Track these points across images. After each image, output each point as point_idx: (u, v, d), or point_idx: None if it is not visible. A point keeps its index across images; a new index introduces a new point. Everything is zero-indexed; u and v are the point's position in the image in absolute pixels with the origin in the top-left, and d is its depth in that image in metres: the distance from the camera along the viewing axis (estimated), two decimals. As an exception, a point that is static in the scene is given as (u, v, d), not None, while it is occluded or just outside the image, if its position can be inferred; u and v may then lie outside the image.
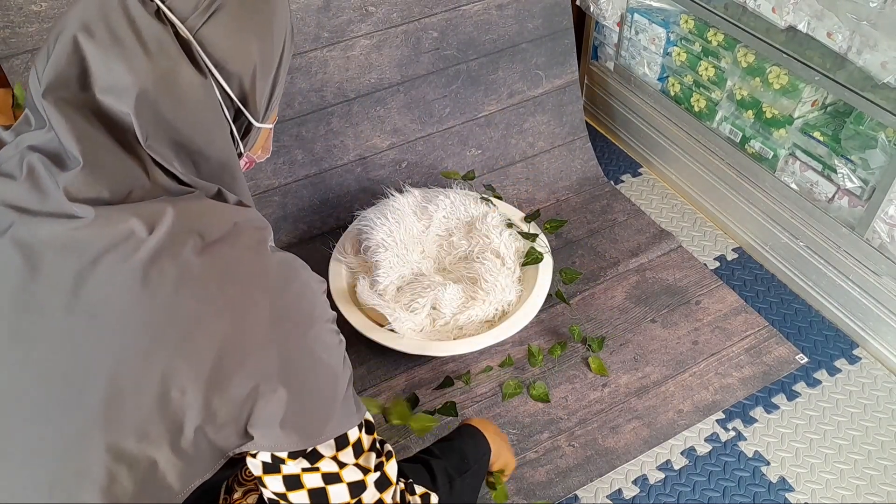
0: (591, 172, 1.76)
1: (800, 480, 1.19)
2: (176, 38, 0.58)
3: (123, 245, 0.56)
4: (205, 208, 0.61)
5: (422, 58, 1.55)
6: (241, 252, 0.61)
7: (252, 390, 0.58)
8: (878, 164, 1.26)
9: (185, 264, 0.57)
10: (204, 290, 0.57)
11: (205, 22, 0.60)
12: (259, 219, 0.66)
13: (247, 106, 0.65)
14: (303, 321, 0.62)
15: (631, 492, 1.18)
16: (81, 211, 0.56)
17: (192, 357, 0.56)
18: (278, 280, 0.62)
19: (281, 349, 0.60)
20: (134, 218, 0.57)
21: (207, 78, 0.60)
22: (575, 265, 1.54)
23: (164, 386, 0.56)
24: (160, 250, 0.57)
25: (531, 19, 1.63)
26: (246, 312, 0.59)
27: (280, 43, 0.66)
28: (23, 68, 1.23)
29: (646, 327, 1.41)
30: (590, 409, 1.28)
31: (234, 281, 0.59)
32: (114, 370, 0.56)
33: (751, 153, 1.51)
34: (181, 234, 0.58)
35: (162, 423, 0.56)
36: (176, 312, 0.56)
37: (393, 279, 1.36)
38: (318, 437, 0.63)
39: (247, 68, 0.63)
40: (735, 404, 1.29)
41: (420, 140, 1.62)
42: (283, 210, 1.55)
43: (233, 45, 0.61)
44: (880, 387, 1.32)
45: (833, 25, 1.25)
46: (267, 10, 0.64)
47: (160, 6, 0.59)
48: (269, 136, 0.77)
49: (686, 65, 1.59)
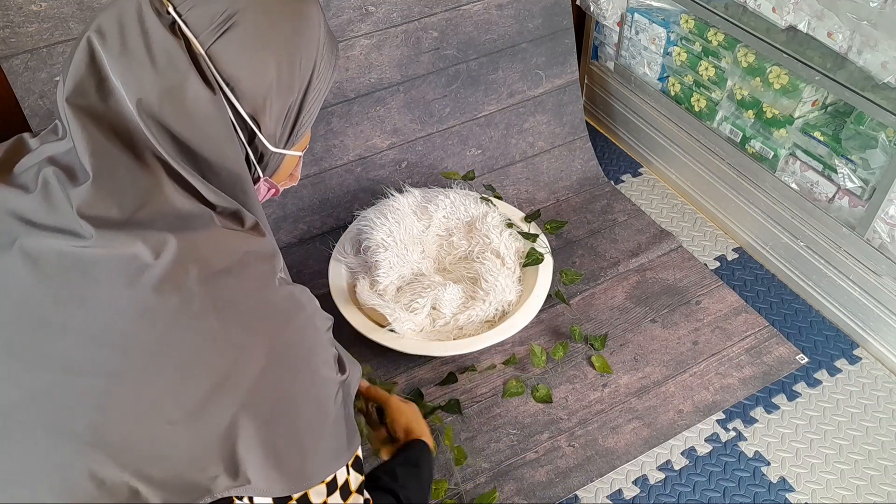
0: (591, 172, 1.76)
1: (800, 480, 1.19)
2: (189, 52, 0.58)
3: (127, 269, 0.56)
4: (212, 236, 0.59)
5: (422, 58, 1.55)
6: (245, 284, 0.59)
7: (239, 429, 0.56)
8: (879, 164, 1.26)
9: (187, 294, 0.56)
10: (203, 322, 0.56)
11: (218, 38, 0.58)
12: (270, 248, 0.64)
13: (260, 128, 0.63)
14: (299, 360, 0.60)
15: (631, 492, 1.18)
16: (86, 229, 0.55)
17: (183, 391, 0.55)
18: (280, 316, 0.60)
19: (273, 389, 0.58)
20: (140, 242, 0.56)
21: (217, 94, 0.58)
22: (575, 265, 1.54)
23: (152, 417, 0.55)
24: (164, 278, 0.56)
25: (531, 19, 1.62)
26: (243, 350, 0.57)
27: (307, 66, 0.64)
28: (23, 68, 1.23)
29: (646, 327, 1.41)
30: (590, 410, 1.28)
31: (236, 316, 0.58)
32: (104, 396, 0.55)
33: (751, 153, 1.51)
34: (186, 262, 0.57)
35: (148, 454, 0.55)
36: (173, 344, 0.55)
37: (393, 279, 1.36)
38: (305, 481, 0.60)
39: (260, 88, 0.61)
40: (735, 404, 1.29)
41: (420, 140, 1.62)
42: (283, 210, 1.55)
43: (245, 63, 0.60)
44: (880, 387, 1.32)
45: (833, 25, 1.25)
46: (289, 30, 0.62)
47: (177, 19, 0.58)
48: (298, 163, 0.75)
49: (686, 65, 1.59)
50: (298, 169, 0.77)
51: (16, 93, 1.24)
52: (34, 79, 1.25)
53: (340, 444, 0.64)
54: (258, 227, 0.64)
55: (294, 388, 0.60)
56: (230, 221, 0.62)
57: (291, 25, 0.62)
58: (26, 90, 1.25)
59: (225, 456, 0.57)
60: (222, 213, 0.61)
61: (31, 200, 0.58)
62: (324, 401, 0.63)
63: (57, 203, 0.57)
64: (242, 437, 0.57)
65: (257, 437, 0.57)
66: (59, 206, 0.57)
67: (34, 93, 1.25)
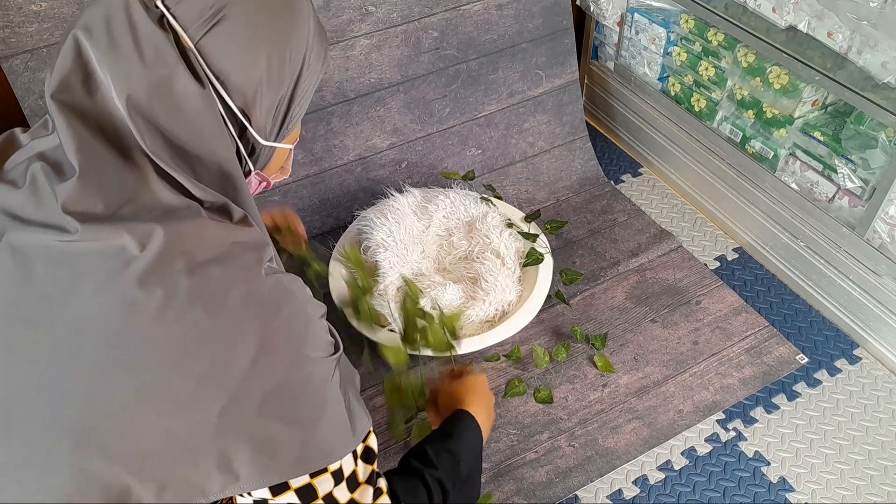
0: (591, 172, 1.76)
1: (800, 481, 1.19)
2: (177, 46, 0.57)
3: (113, 262, 0.55)
4: (199, 227, 0.59)
5: (422, 58, 1.55)
6: (232, 274, 0.59)
7: (229, 422, 0.56)
8: (879, 164, 1.26)
9: (173, 285, 0.56)
10: (190, 314, 0.56)
11: (207, 31, 0.58)
12: (258, 238, 0.63)
13: (250, 121, 0.63)
14: (291, 349, 0.60)
15: (631, 492, 1.18)
16: (72, 224, 0.55)
17: (170, 383, 0.55)
18: (269, 305, 0.60)
19: (263, 379, 0.58)
20: (126, 234, 0.55)
21: (206, 88, 0.58)
22: (575, 265, 1.54)
23: (140, 410, 0.54)
24: (149, 270, 0.55)
25: (531, 19, 1.62)
26: (231, 342, 0.57)
27: (297, 59, 0.64)
28: (22, 68, 1.23)
29: (646, 327, 1.41)
30: (590, 410, 1.28)
31: (223, 307, 0.57)
32: (92, 389, 0.55)
33: (751, 153, 1.51)
34: (172, 253, 0.56)
35: (138, 448, 0.55)
36: (159, 336, 0.55)
37: (393, 279, 1.36)
38: (304, 465, 0.60)
39: (250, 82, 0.61)
40: (735, 404, 1.29)
41: (420, 140, 1.62)
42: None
43: (235, 56, 0.59)
44: (881, 387, 1.32)
45: (833, 25, 1.25)
46: (278, 23, 0.61)
47: (165, 13, 0.58)
48: (289, 156, 0.75)
49: (686, 64, 1.59)
50: (289, 162, 0.76)
51: (16, 93, 1.24)
52: (34, 79, 1.25)
53: (343, 429, 0.64)
54: (246, 220, 0.64)
55: (288, 376, 0.59)
56: (218, 215, 0.62)
57: (281, 18, 0.62)
58: (26, 90, 1.25)
59: (215, 450, 0.56)
60: (210, 207, 0.61)
61: (19, 196, 0.58)
62: (319, 385, 0.62)
63: (44, 198, 0.57)
64: (233, 429, 0.56)
65: (248, 429, 0.57)
66: (46, 202, 0.57)
67: (34, 93, 1.25)
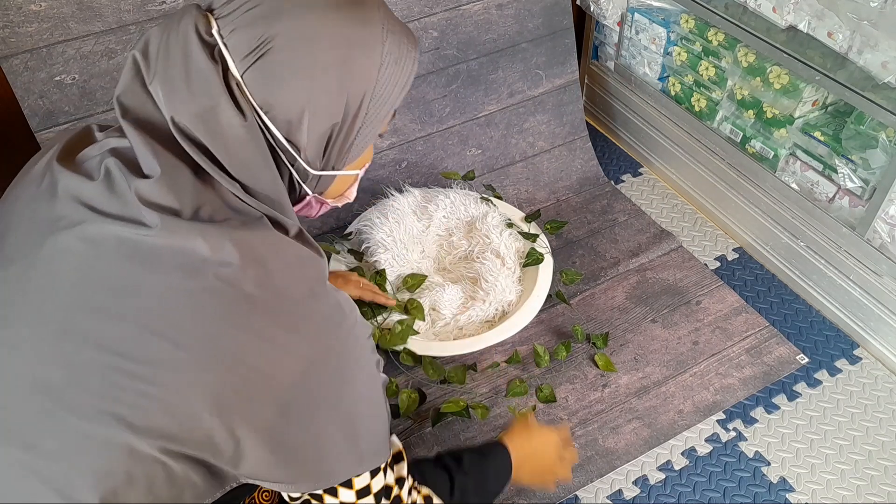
0: (591, 172, 1.76)
1: (800, 481, 1.19)
2: (224, 77, 0.58)
3: (186, 262, 0.58)
4: (267, 238, 0.62)
5: (422, 57, 1.55)
6: (297, 288, 0.61)
7: (269, 429, 0.59)
8: (879, 164, 1.26)
9: (241, 293, 0.58)
10: (253, 321, 0.58)
11: (253, 63, 0.59)
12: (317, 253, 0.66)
13: (299, 152, 0.64)
14: (341, 367, 0.63)
15: (631, 492, 1.18)
16: (150, 218, 0.58)
17: (224, 385, 0.57)
18: (326, 323, 0.62)
19: (310, 392, 0.60)
20: (200, 238, 0.58)
21: (248, 120, 0.59)
22: (575, 265, 1.54)
23: (193, 407, 0.57)
24: (220, 275, 0.58)
25: (531, 19, 1.62)
26: (285, 353, 0.59)
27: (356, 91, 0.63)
28: (22, 68, 1.23)
29: (646, 327, 1.41)
30: (590, 410, 1.28)
31: (284, 318, 0.60)
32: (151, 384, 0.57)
33: (751, 153, 1.51)
34: (244, 262, 0.59)
35: (182, 439, 0.57)
36: (221, 339, 0.57)
37: (393, 279, 1.36)
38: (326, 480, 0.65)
39: (293, 114, 0.61)
40: (735, 404, 1.29)
41: (420, 140, 1.62)
42: (283, 210, 1.55)
43: (277, 89, 0.60)
44: (881, 387, 1.32)
45: (834, 25, 1.25)
46: (326, 56, 0.60)
47: (218, 42, 0.59)
48: (354, 182, 0.75)
49: (686, 64, 1.59)
50: (353, 188, 0.76)
51: (16, 93, 1.24)
52: (34, 79, 1.25)
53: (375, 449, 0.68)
54: (303, 234, 0.67)
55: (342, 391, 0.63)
56: (277, 228, 0.64)
57: (333, 50, 0.61)
58: (26, 90, 1.25)
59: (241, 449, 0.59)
60: (271, 220, 0.64)
61: (94, 188, 0.60)
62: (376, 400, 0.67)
63: (120, 192, 0.60)
64: (268, 433, 0.59)
65: (282, 436, 0.60)
66: (123, 196, 0.59)
67: (34, 93, 1.25)
